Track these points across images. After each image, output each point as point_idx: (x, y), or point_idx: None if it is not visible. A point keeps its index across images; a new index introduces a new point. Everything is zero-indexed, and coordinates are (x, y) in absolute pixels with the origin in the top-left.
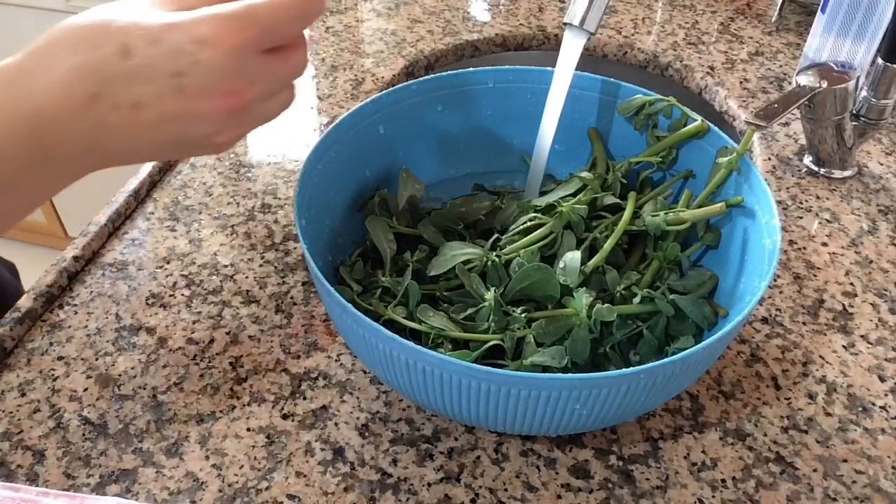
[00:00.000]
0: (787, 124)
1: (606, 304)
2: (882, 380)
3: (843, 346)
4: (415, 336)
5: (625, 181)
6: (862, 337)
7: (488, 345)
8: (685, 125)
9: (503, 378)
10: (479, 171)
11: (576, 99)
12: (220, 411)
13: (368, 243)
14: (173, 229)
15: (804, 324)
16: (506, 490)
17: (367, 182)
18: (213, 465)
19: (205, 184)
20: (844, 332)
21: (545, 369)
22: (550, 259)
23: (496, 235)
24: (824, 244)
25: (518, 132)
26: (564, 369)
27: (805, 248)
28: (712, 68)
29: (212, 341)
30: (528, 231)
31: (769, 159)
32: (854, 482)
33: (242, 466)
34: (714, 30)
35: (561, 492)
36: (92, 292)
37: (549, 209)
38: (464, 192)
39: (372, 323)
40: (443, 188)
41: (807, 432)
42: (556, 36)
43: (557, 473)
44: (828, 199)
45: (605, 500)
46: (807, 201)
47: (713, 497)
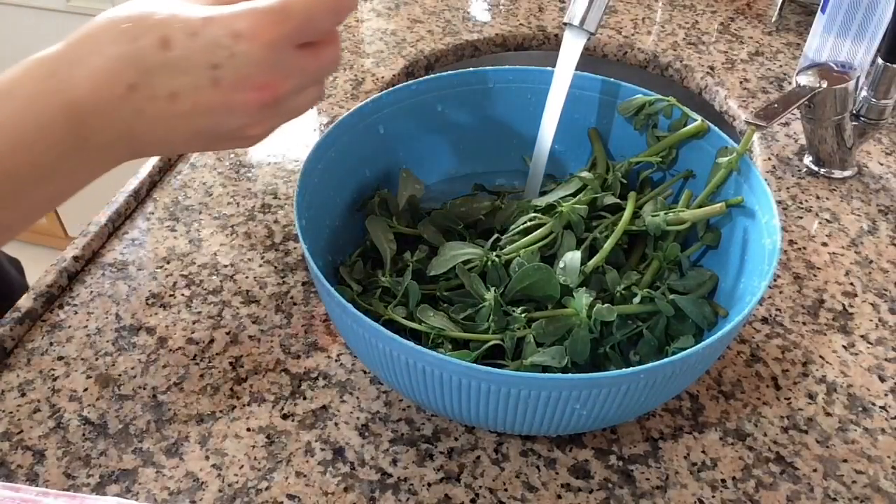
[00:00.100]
0: (787, 124)
1: (606, 304)
2: (882, 380)
3: (843, 346)
4: (415, 336)
5: (625, 181)
6: (862, 337)
7: (488, 345)
8: (685, 125)
9: (503, 378)
10: (479, 171)
11: (576, 99)
12: (220, 411)
13: (368, 243)
14: (173, 229)
15: (804, 324)
16: (506, 490)
17: (367, 182)
18: (213, 465)
19: (205, 184)
20: (844, 332)
21: (545, 369)
22: (550, 259)
23: (496, 235)
24: (824, 244)
25: (518, 132)
26: (564, 369)
27: (805, 248)
28: (712, 68)
29: (212, 341)
30: (528, 231)
31: (769, 159)
32: (854, 482)
33: (242, 466)
34: (714, 30)
35: (561, 492)
36: (92, 292)
37: (549, 209)
38: (464, 192)
39: (372, 323)
40: (443, 188)
41: (807, 432)
42: (556, 36)
43: (557, 473)
44: (828, 199)
45: (605, 500)
46: (807, 201)
47: (713, 497)
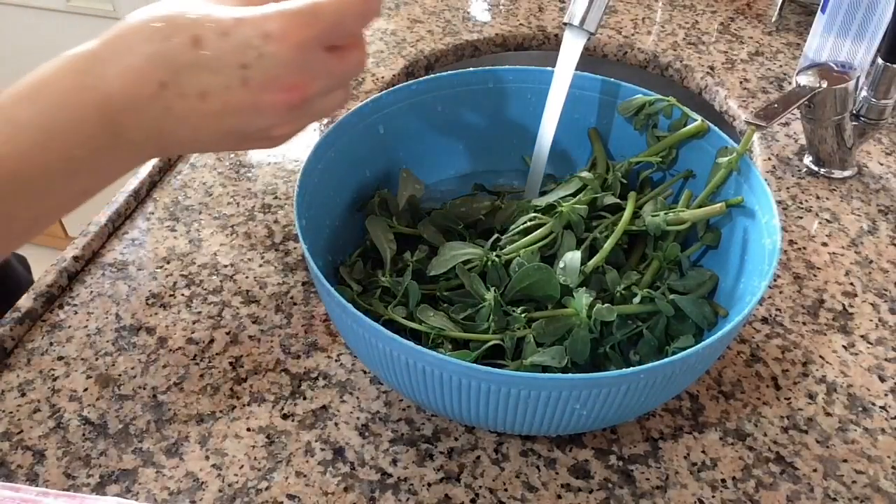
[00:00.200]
0: (787, 124)
1: (606, 304)
2: (882, 380)
3: (843, 346)
4: (415, 336)
5: (625, 181)
6: (862, 337)
7: (488, 345)
8: (685, 125)
9: (503, 378)
10: (479, 171)
11: (576, 99)
12: (220, 411)
13: (368, 243)
14: (173, 229)
15: (804, 324)
16: (506, 490)
17: (367, 182)
18: (213, 465)
19: (205, 184)
20: (844, 332)
21: (545, 369)
22: (550, 259)
23: (496, 235)
24: (824, 244)
25: (518, 132)
26: (564, 369)
27: (805, 248)
28: (712, 68)
29: (212, 341)
30: (528, 231)
31: (769, 159)
32: (854, 482)
33: (242, 466)
34: (714, 30)
35: (561, 492)
36: (92, 292)
37: (549, 209)
38: (464, 192)
39: (372, 323)
40: (443, 188)
41: (807, 432)
42: (556, 36)
43: (557, 473)
44: (828, 199)
45: (605, 500)
46: (807, 201)
47: (713, 497)
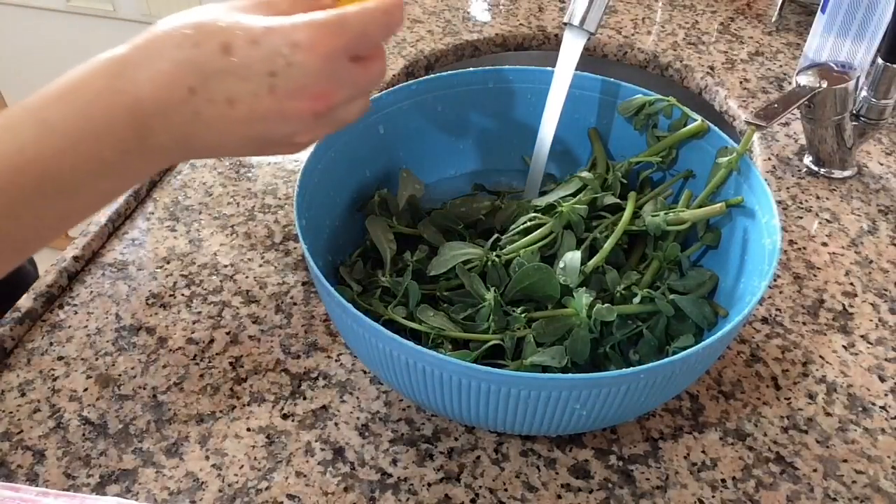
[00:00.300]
0: (787, 124)
1: (606, 304)
2: (882, 380)
3: (843, 346)
4: (415, 336)
5: (625, 181)
6: (862, 337)
7: (488, 345)
8: (685, 125)
9: (503, 378)
10: (479, 171)
11: (576, 99)
12: (220, 411)
13: (368, 243)
14: (173, 229)
15: (804, 324)
16: (506, 490)
17: (367, 182)
18: (213, 465)
19: (205, 184)
20: (844, 332)
21: (545, 369)
22: (550, 259)
23: (496, 235)
24: (824, 244)
25: (518, 132)
26: (564, 369)
27: (805, 248)
28: (712, 68)
29: (212, 341)
30: (528, 231)
31: (769, 159)
32: (854, 482)
33: (242, 466)
34: (714, 30)
35: (561, 492)
36: (92, 292)
37: (549, 209)
38: (464, 192)
39: (372, 323)
40: (443, 188)
41: (807, 432)
42: (556, 36)
43: (557, 473)
44: (828, 199)
45: (605, 500)
46: (807, 201)
47: (713, 497)
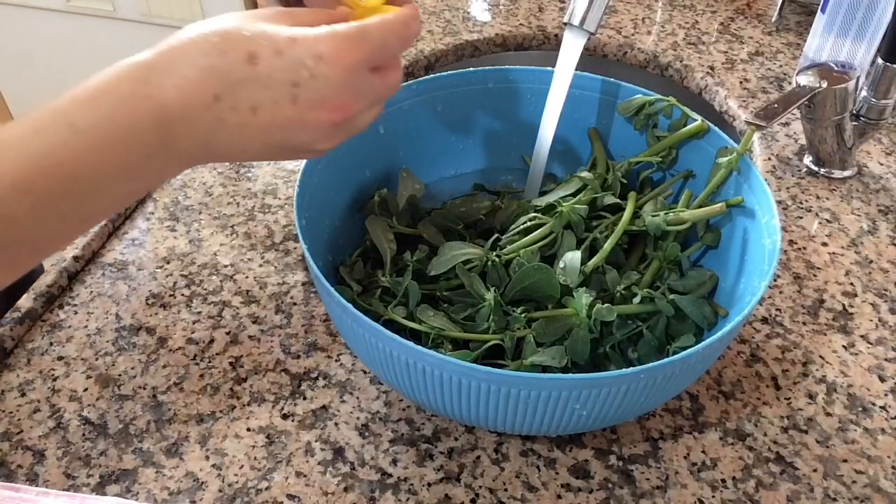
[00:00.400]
0: (787, 124)
1: (606, 304)
2: (882, 380)
3: (843, 346)
4: (415, 336)
5: (625, 181)
6: (862, 337)
7: (488, 345)
8: (685, 125)
9: (503, 378)
10: (479, 171)
11: (576, 99)
12: (220, 411)
13: (368, 243)
14: (173, 229)
15: (804, 324)
16: (506, 490)
17: (367, 182)
18: (213, 465)
19: (205, 184)
20: (844, 332)
21: (545, 369)
22: (550, 259)
23: (496, 235)
24: (824, 244)
25: (518, 132)
26: (564, 369)
27: (805, 248)
28: (712, 68)
29: (212, 341)
30: (528, 231)
31: (769, 159)
32: (854, 482)
33: (242, 466)
34: (714, 30)
35: (561, 492)
36: (92, 292)
37: (549, 209)
38: (464, 192)
39: (372, 323)
40: (443, 188)
41: (807, 432)
42: (556, 36)
43: (557, 473)
44: (828, 199)
45: (605, 500)
46: (807, 201)
47: (713, 497)
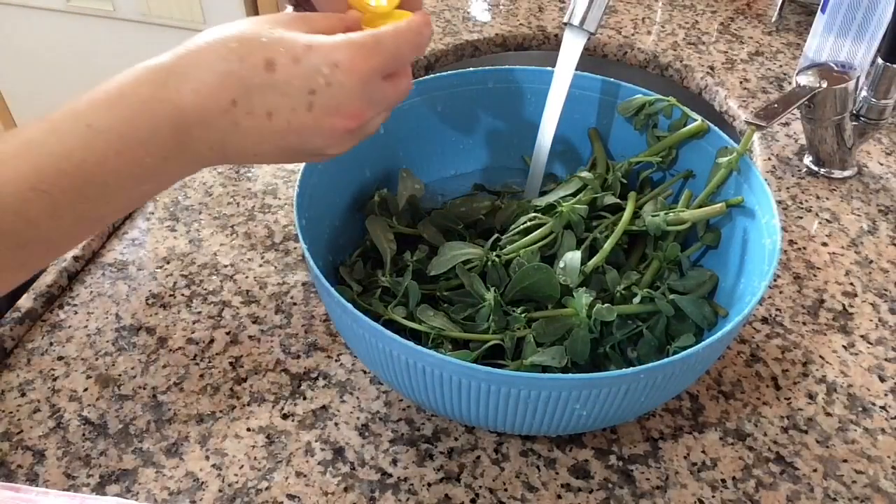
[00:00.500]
0: (787, 124)
1: (606, 304)
2: (882, 380)
3: (843, 346)
4: (415, 336)
5: (625, 181)
6: (862, 337)
7: (488, 345)
8: (685, 125)
9: (503, 378)
10: (479, 171)
11: (576, 99)
12: (220, 411)
13: (368, 243)
14: (173, 229)
15: (804, 324)
16: (506, 490)
17: (367, 182)
18: (213, 465)
19: (205, 184)
20: (844, 332)
21: (545, 369)
22: (550, 259)
23: (496, 235)
24: (824, 244)
25: (518, 132)
26: (564, 369)
27: (805, 248)
28: (712, 68)
29: (212, 341)
30: (528, 231)
31: (769, 159)
32: (854, 482)
33: (242, 466)
34: (714, 30)
35: (561, 492)
36: (92, 292)
37: (549, 209)
38: (464, 192)
39: (372, 323)
40: (443, 188)
41: (807, 432)
42: (556, 36)
43: (557, 473)
44: (828, 199)
45: (605, 500)
46: (807, 201)
47: (713, 497)
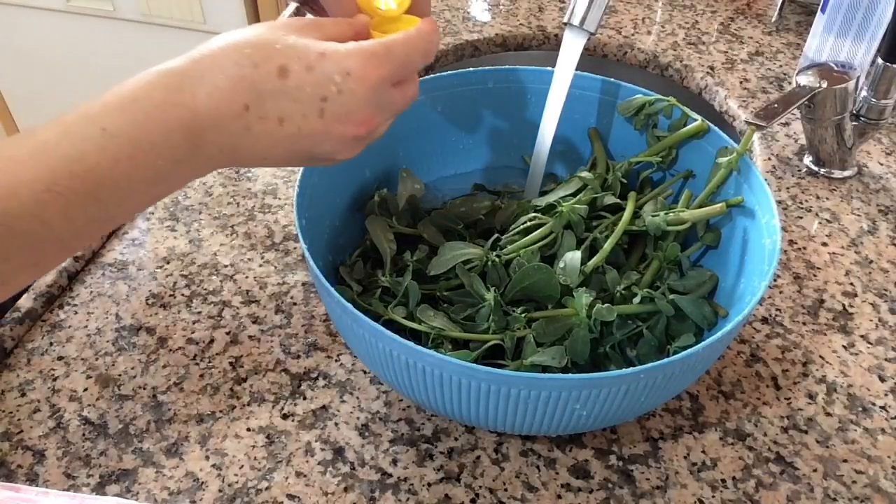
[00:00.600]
0: (787, 124)
1: (606, 304)
2: (882, 380)
3: (843, 346)
4: (415, 336)
5: (625, 181)
6: (862, 337)
7: (488, 345)
8: (685, 125)
9: (503, 378)
10: (479, 171)
11: (576, 99)
12: (220, 411)
13: (368, 243)
14: (173, 229)
15: (804, 324)
16: (506, 490)
17: (367, 182)
18: (213, 465)
19: (205, 184)
20: (844, 332)
21: (545, 369)
22: (550, 259)
23: (496, 235)
24: (824, 244)
25: (518, 132)
26: (564, 369)
27: (805, 248)
28: (712, 68)
29: (212, 341)
30: (528, 231)
31: (769, 159)
32: (854, 482)
33: (242, 466)
34: (714, 30)
35: (561, 492)
36: (92, 292)
37: (549, 209)
38: (464, 192)
39: (372, 323)
40: (443, 188)
41: (807, 432)
42: (556, 36)
43: (557, 473)
44: (828, 199)
45: (605, 500)
46: (807, 201)
47: (713, 497)
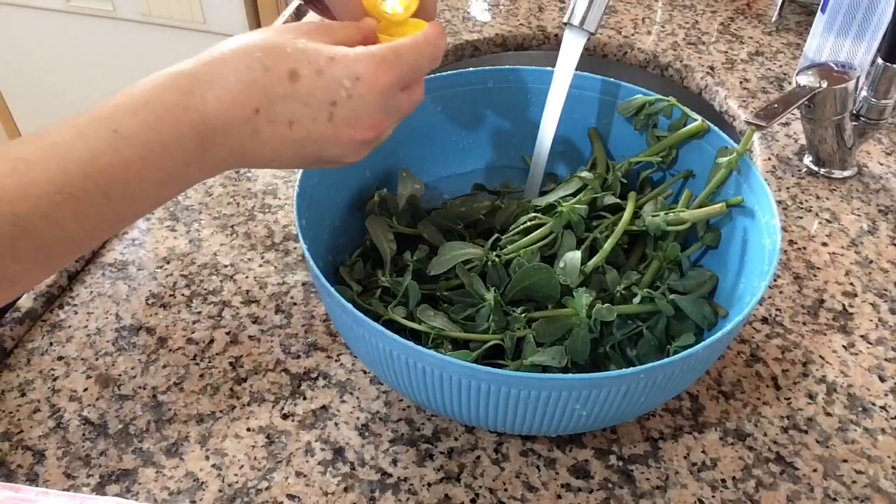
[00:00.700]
0: (787, 124)
1: (606, 304)
2: (882, 380)
3: (843, 346)
4: (415, 336)
5: (625, 181)
6: (862, 337)
7: (488, 345)
8: (685, 125)
9: (503, 378)
10: (479, 171)
11: (576, 99)
12: (220, 411)
13: (368, 243)
14: (173, 229)
15: (804, 324)
16: (506, 490)
17: (367, 182)
18: (213, 465)
19: (205, 184)
20: (844, 332)
21: (545, 369)
22: (550, 259)
23: (496, 235)
24: (824, 244)
25: (518, 132)
26: (564, 369)
27: (805, 248)
28: (712, 68)
29: (212, 341)
30: (528, 231)
31: (769, 159)
32: (854, 482)
33: (242, 466)
34: (714, 30)
35: (561, 492)
36: (92, 292)
37: (549, 209)
38: (464, 192)
39: (372, 323)
40: (442, 188)
41: (807, 432)
42: (556, 36)
43: (557, 473)
44: (828, 199)
45: (605, 500)
46: (807, 201)
47: (713, 497)
